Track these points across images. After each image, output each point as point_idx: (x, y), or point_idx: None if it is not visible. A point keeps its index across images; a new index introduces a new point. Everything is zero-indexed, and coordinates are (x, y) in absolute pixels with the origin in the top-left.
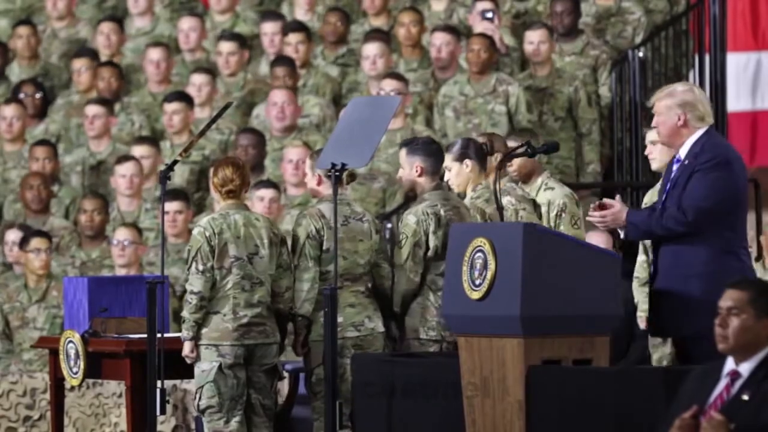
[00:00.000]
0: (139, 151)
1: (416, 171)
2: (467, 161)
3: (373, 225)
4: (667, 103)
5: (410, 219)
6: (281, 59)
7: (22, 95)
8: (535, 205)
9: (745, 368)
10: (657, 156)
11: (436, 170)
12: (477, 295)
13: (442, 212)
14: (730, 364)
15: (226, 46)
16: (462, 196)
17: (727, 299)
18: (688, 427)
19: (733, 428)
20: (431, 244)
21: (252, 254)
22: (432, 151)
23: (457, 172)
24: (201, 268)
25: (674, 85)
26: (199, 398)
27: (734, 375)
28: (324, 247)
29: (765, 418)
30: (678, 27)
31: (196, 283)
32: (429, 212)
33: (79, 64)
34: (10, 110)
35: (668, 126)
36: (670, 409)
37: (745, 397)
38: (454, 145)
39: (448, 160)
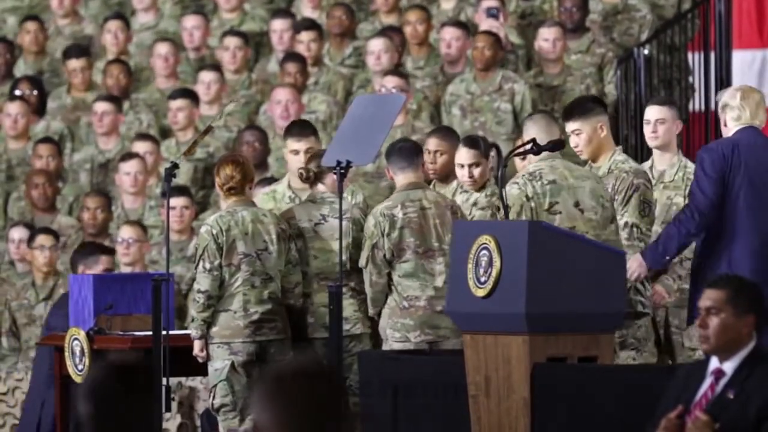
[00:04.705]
0: (141, 147)
1: (390, 175)
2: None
3: (352, 223)
4: None
5: (369, 221)
6: (292, 56)
7: (17, 92)
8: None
9: (729, 366)
10: None
11: (403, 167)
12: (482, 292)
13: (399, 214)
14: (714, 362)
15: (233, 41)
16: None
17: (706, 299)
18: (674, 427)
19: (718, 427)
20: (385, 246)
21: (261, 250)
22: (393, 151)
23: (482, 172)
24: (208, 266)
25: None
26: (213, 397)
27: (718, 373)
28: (298, 246)
29: (750, 417)
30: (683, 24)
31: (203, 282)
32: (385, 213)
33: (78, 65)
34: (14, 107)
35: None
36: (656, 410)
37: (730, 396)
38: (482, 143)
39: (476, 157)
